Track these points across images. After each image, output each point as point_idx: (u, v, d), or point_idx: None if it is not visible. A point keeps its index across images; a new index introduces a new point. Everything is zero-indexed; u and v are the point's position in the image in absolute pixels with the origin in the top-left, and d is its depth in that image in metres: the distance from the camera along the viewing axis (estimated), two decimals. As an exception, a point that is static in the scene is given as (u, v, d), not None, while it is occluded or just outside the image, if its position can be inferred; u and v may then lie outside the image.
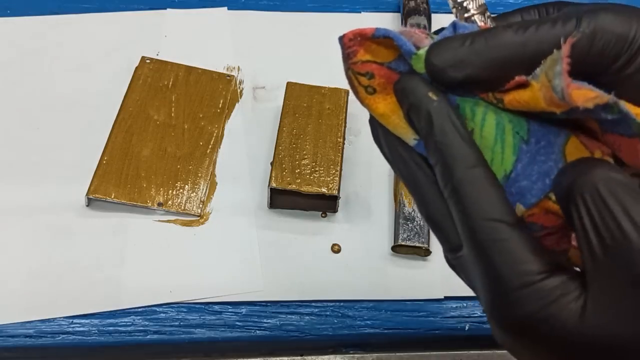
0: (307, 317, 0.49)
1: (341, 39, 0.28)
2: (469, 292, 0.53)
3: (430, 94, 0.27)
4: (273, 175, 0.53)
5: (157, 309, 0.49)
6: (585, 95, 0.23)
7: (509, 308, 0.24)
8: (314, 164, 0.54)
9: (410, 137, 0.28)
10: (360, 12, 0.71)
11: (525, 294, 0.24)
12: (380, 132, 0.30)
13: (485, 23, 0.29)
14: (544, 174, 0.26)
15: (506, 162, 0.26)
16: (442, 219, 0.28)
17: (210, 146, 0.58)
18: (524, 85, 0.25)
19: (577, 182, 0.23)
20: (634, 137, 0.24)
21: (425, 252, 0.51)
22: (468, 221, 0.26)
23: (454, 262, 0.28)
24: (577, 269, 0.25)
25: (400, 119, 0.28)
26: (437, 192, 0.28)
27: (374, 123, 0.30)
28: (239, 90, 0.63)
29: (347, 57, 0.28)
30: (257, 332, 0.48)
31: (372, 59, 0.28)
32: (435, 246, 0.51)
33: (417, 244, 0.51)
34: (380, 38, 0.27)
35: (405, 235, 0.51)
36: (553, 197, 0.26)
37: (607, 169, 0.23)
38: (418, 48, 0.27)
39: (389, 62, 0.28)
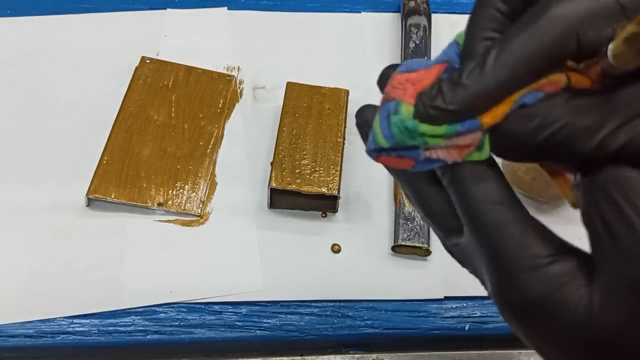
0: (307, 317, 0.49)
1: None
2: (469, 292, 0.53)
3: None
4: (273, 175, 0.53)
5: (157, 309, 0.49)
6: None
7: (515, 291, 0.24)
8: (314, 164, 0.54)
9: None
10: (360, 12, 0.71)
11: (531, 277, 0.24)
12: (370, 133, 0.30)
13: None
14: None
15: None
16: (438, 207, 0.28)
17: (210, 146, 0.58)
18: None
19: (587, 180, 0.23)
20: None
21: (425, 252, 0.51)
22: (470, 206, 0.25)
23: (453, 248, 0.28)
24: (584, 251, 0.25)
25: None
26: (429, 180, 0.27)
27: (363, 125, 0.29)
28: (239, 90, 0.63)
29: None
30: (257, 332, 0.48)
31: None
32: (435, 246, 0.51)
33: (417, 244, 0.51)
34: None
35: (405, 235, 0.51)
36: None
37: (616, 167, 0.23)
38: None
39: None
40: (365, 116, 0.28)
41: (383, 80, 0.27)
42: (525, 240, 0.24)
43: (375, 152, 0.25)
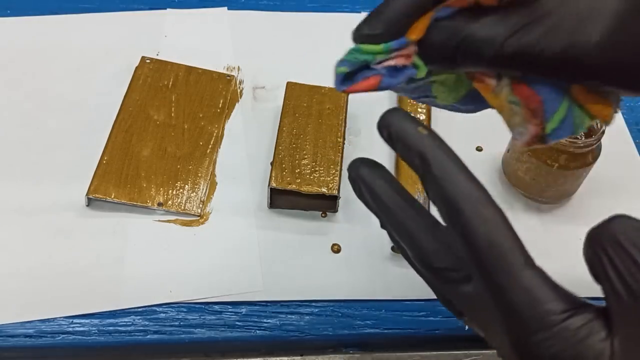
0: (307, 317, 0.49)
1: None
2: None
3: (420, 129, 0.27)
4: (273, 175, 0.53)
5: (157, 309, 0.49)
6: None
7: (534, 349, 0.24)
8: (314, 163, 0.54)
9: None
10: (360, 12, 0.71)
11: (550, 335, 0.24)
12: (363, 187, 0.30)
13: None
14: None
15: None
16: (440, 260, 0.28)
17: (210, 146, 0.58)
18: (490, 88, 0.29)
19: (596, 235, 0.24)
20: None
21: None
22: (482, 261, 0.25)
23: (457, 299, 0.28)
24: (598, 304, 0.25)
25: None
26: (431, 235, 0.28)
27: (356, 180, 0.30)
28: (239, 90, 0.63)
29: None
30: (257, 332, 0.48)
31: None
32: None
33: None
34: None
35: (405, 235, 0.51)
36: None
37: (625, 219, 0.24)
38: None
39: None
40: (357, 171, 0.30)
41: (382, 128, 0.29)
42: (540, 295, 0.24)
43: (342, 84, 0.30)
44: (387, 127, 0.28)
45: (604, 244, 0.24)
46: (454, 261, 0.27)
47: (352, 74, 0.30)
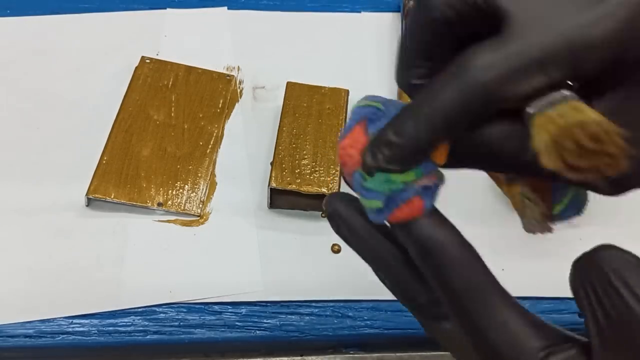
0: (307, 317, 0.49)
1: None
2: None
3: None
4: (273, 175, 0.53)
5: (157, 309, 0.49)
6: None
7: None
8: (314, 164, 0.54)
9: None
10: (360, 12, 0.71)
11: None
12: (340, 223, 0.30)
13: None
14: None
15: None
16: (420, 295, 0.28)
17: (210, 146, 0.58)
18: None
19: (580, 264, 0.24)
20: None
21: (425, 252, 0.51)
22: (457, 298, 0.25)
23: (439, 335, 0.28)
24: (578, 337, 0.24)
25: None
26: (410, 270, 0.28)
27: (333, 216, 0.30)
28: (239, 90, 0.63)
29: None
30: (257, 332, 0.48)
31: None
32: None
33: (417, 244, 0.51)
34: None
35: (405, 235, 0.51)
36: None
37: (610, 249, 0.23)
38: None
39: None
40: (333, 206, 0.29)
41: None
42: (518, 333, 0.24)
43: (378, 215, 0.27)
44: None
45: (591, 278, 0.23)
46: (433, 297, 0.27)
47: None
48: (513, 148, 0.24)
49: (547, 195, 0.29)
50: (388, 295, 0.50)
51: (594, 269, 0.23)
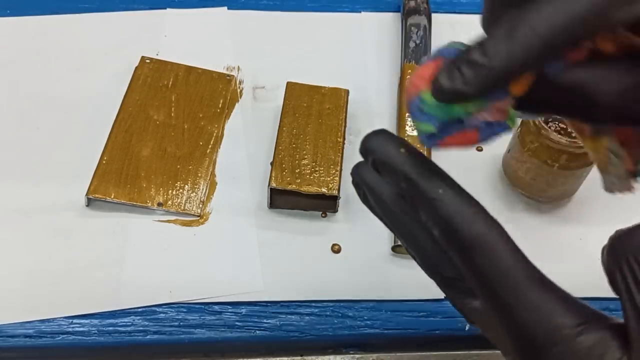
0: (307, 317, 0.49)
1: None
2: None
3: (402, 151, 0.26)
4: (273, 175, 0.53)
5: (157, 309, 0.49)
6: None
7: None
8: (314, 164, 0.54)
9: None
10: (360, 12, 0.71)
11: (561, 352, 0.22)
12: (367, 193, 0.29)
13: None
14: None
15: None
16: (448, 269, 0.26)
17: (210, 146, 0.58)
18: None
19: (619, 245, 0.23)
20: None
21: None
22: (484, 278, 0.24)
23: (469, 312, 0.26)
24: (615, 319, 0.24)
25: None
26: (436, 243, 0.26)
27: (360, 185, 0.29)
28: (238, 90, 0.63)
29: None
30: (257, 332, 0.48)
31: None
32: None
33: (417, 244, 0.51)
34: None
35: (405, 235, 0.51)
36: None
37: None
38: None
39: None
40: (360, 174, 0.28)
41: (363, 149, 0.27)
42: (549, 310, 0.23)
43: (430, 140, 0.26)
44: (371, 153, 0.27)
45: (628, 256, 0.22)
46: (460, 272, 0.26)
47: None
48: (610, 91, 0.23)
49: (635, 150, 0.27)
50: (388, 295, 0.50)
51: (634, 247, 0.22)
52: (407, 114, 0.58)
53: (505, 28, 0.22)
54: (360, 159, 0.30)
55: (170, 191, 0.54)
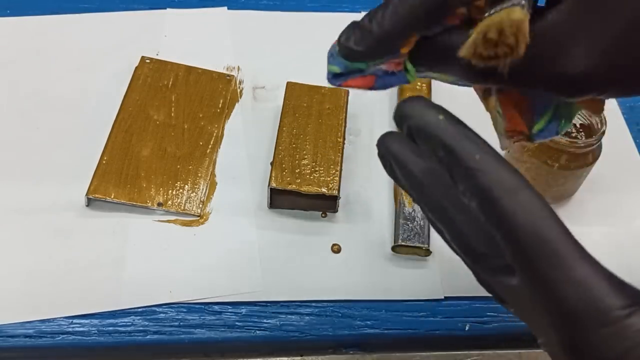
0: (307, 317, 0.49)
1: None
2: (469, 292, 0.53)
3: (441, 117, 0.26)
4: (273, 175, 0.53)
5: (157, 309, 0.49)
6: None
7: (592, 350, 0.21)
8: (314, 164, 0.54)
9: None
10: (360, 12, 0.71)
11: (609, 334, 0.21)
12: (393, 164, 0.28)
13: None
14: None
15: None
16: (480, 244, 0.25)
17: (210, 146, 0.58)
18: None
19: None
20: None
21: (425, 252, 0.51)
22: (527, 254, 0.23)
23: (501, 289, 0.25)
24: None
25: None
26: (462, 208, 0.26)
27: (386, 156, 0.28)
28: (238, 90, 0.63)
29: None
30: (257, 332, 0.48)
31: None
32: (435, 246, 0.51)
33: (417, 244, 0.51)
34: None
35: (405, 236, 0.51)
36: None
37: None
38: None
39: None
40: (386, 145, 0.28)
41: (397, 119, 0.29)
42: (597, 289, 0.22)
43: (334, 79, 0.32)
44: (407, 119, 0.26)
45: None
46: (495, 247, 0.24)
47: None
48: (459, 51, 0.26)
49: (526, 114, 0.30)
50: (388, 295, 0.50)
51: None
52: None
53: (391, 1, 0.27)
54: (360, 158, 0.31)
55: (170, 191, 0.54)
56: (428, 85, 0.61)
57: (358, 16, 0.29)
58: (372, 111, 0.62)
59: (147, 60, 0.62)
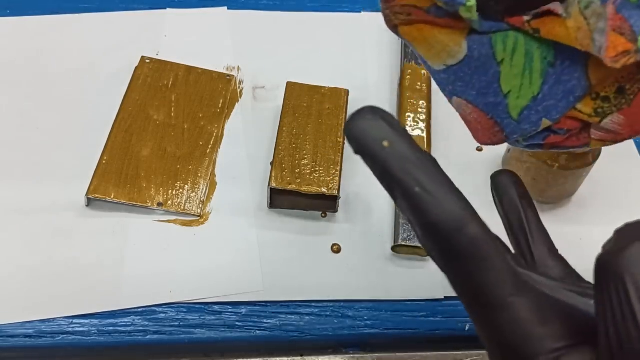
0: (307, 317, 0.49)
1: None
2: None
3: (385, 143, 0.23)
4: (273, 175, 0.53)
5: (157, 309, 0.49)
6: (617, 49, 0.25)
7: None
8: (314, 163, 0.54)
9: (439, 62, 0.30)
10: (360, 11, 0.71)
11: None
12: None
13: None
14: (568, 92, 0.28)
15: (534, 86, 0.28)
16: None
17: (210, 146, 0.58)
18: (558, 18, 0.26)
19: (603, 263, 0.21)
20: None
21: (425, 252, 0.51)
22: (469, 288, 0.23)
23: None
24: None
25: (431, 45, 0.31)
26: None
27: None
28: (238, 90, 0.63)
29: (386, 0, 0.30)
30: (257, 332, 0.48)
31: (410, 3, 0.32)
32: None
33: (417, 244, 0.51)
34: None
35: (405, 235, 0.51)
36: (577, 106, 0.28)
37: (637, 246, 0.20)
38: None
39: (427, 8, 0.30)
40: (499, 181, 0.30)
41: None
42: (531, 329, 0.22)
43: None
44: (351, 141, 0.25)
45: (610, 287, 0.20)
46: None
47: None
48: None
49: (625, 28, 0.27)
50: (388, 295, 0.50)
51: (614, 277, 0.20)
52: (407, 114, 0.58)
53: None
54: (360, 159, 0.30)
55: (170, 191, 0.54)
56: (428, 85, 0.61)
57: (358, 16, 0.29)
58: (372, 111, 0.62)
59: (147, 60, 0.62)
